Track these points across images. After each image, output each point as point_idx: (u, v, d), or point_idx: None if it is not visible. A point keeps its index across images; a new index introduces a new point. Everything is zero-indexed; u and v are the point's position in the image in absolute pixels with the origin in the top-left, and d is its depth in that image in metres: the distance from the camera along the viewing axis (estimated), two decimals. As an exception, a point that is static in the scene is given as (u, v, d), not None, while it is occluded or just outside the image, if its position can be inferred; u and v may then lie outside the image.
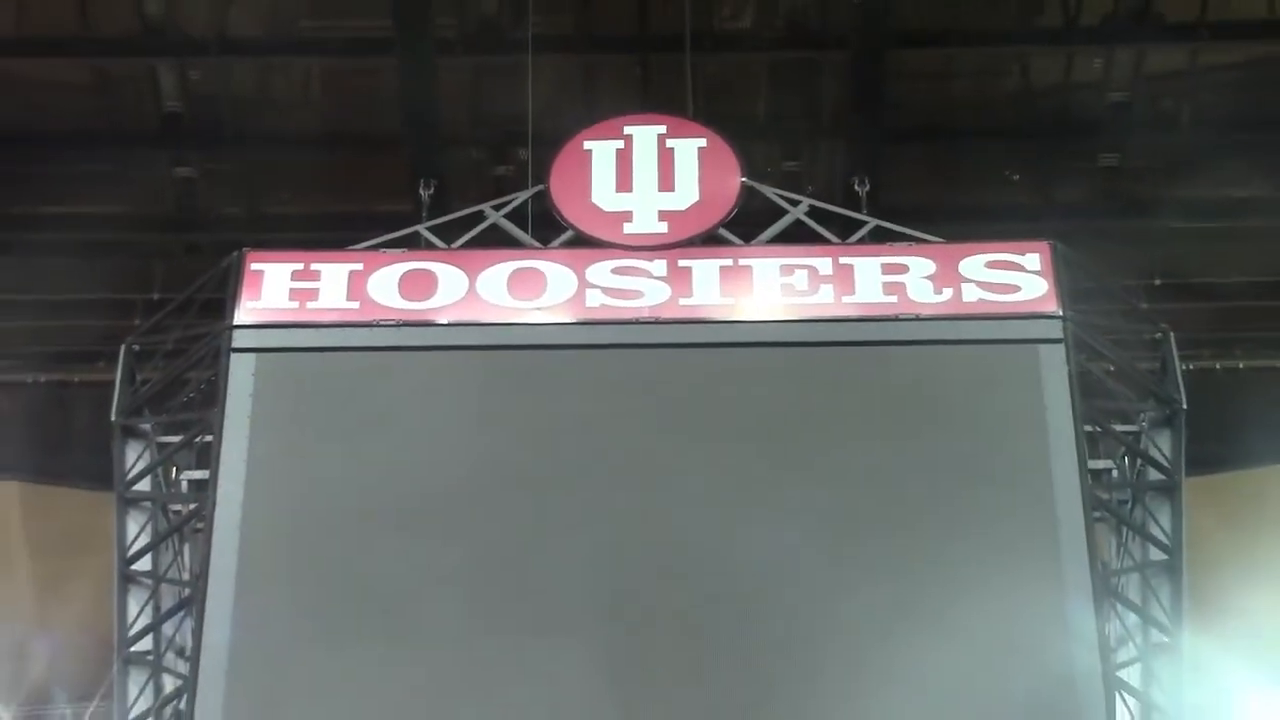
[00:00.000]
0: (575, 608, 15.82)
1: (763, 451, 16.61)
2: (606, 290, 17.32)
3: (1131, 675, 16.75)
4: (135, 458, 17.34)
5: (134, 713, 16.89)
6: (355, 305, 17.22)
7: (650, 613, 15.84)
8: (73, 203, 23.19)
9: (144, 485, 17.38)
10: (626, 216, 17.83)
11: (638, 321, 17.19)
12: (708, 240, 17.79)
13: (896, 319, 17.13)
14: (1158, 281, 21.92)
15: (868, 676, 15.56)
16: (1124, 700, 16.51)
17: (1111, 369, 17.64)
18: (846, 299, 17.23)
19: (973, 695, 15.47)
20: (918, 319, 17.13)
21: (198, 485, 17.16)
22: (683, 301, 17.27)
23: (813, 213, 18.17)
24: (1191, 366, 17.40)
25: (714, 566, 15.96)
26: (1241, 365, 21.71)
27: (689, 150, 18.19)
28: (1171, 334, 17.41)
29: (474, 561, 16.07)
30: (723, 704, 15.52)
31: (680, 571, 16.01)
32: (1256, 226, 22.91)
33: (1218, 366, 20.06)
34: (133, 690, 16.95)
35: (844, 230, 18.15)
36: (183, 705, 16.12)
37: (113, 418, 17.13)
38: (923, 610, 15.77)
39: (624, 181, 18.00)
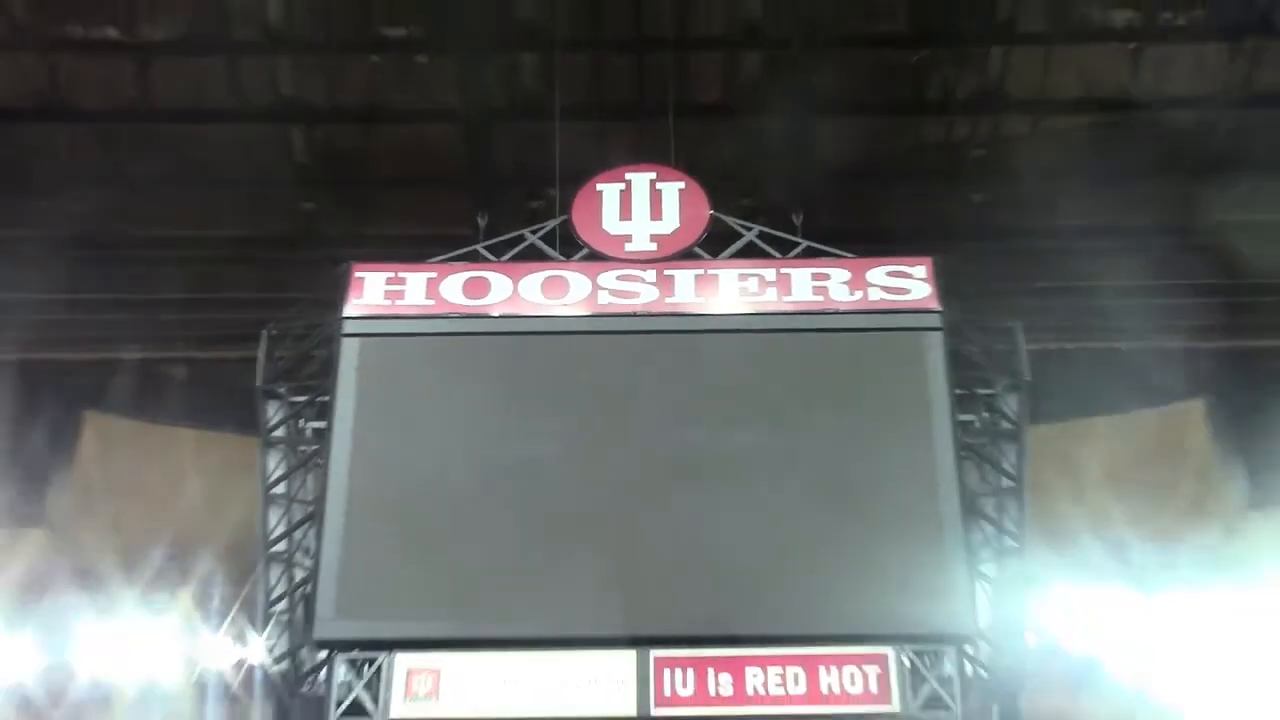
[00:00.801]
0: (592, 498, 16.52)
1: (722, 403, 17.17)
2: (612, 292, 17.81)
3: (987, 570, 17.22)
4: (273, 412, 17.87)
5: (274, 594, 17.48)
6: (431, 302, 17.68)
7: (643, 488, 16.61)
8: (228, 228, 23.52)
9: (280, 432, 17.92)
10: (627, 238, 18.30)
11: (635, 315, 17.72)
12: (686, 256, 18.17)
13: (822, 313, 17.61)
14: (1011, 286, 21.90)
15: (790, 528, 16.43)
16: (982, 588, 17.06)
17: (976, 349, 18.04)
18: (785, 299, 17.63)
19: (871, 553, 16.26)
20: (837, 313, 17.64)
21: (318, 432, 17.74)
22: (668, 300, 17.77)
23: (762, 236, 18.47)
24: (1034, 347, 17.70)
25: (681, 463, 16.70)
26: (1070, 347, 22.02)
27: (672, 190, 18.68)
28: (1020, 325, 17.99)
29: (522, 478, 16.63)
30: (685, 523, 16.28)
31: (659, 467, 16.73)
32: (1088, 246, 22.98)
33: (1052, 347, 20.38)
34: (273, 579, 17.54)
35: (784, 249, 18.39)
36: (307, 590, 16.67)
37: (257, 383, 17.69)
38: (830, 504, 16.42)
39: (625, 213, 18.45)
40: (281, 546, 17.59)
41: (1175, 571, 23.27)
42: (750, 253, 18.52)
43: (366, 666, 15.76)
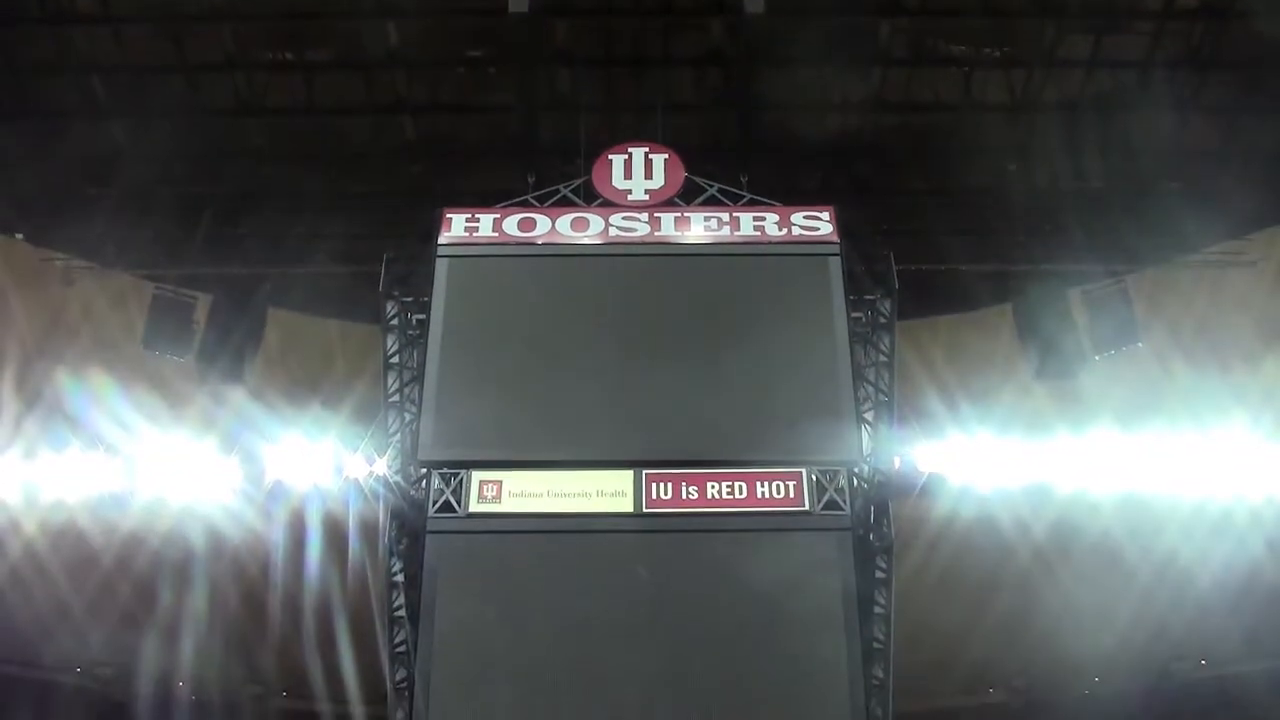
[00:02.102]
0: (604, 367, 16.38)
1: (690, 302, 16.99)
2: (619, 228, 17.51)
3: (868, 416, 17.10)
4: (391, 309, 17.55)
5: (392, 430, 17.24)
6: (496, 235, 17.41)
7: (639, 361, 16.46)
8: (364, 186, 23.16)
9: (395, 322, 17.62)
10: (629, 192, 17.99)
11: (634, 243, 17.44)
12: (668, 204, 17.87)
13: (760, 243, 17.36)
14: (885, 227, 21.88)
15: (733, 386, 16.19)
16: (865, 429, 16.94)
17: (863, 269, 17.94)
18: (735, 234, 17.42)
19: (789, 405, 16.02)
20: (770, 243, 17.36)
21: (420, 322, 17.42)
22: (656, 234, 17.46)
23: (720, 191, 18.17)
24: (900, 269, 17.49)
25: (664, 343, 16.55)
26: (925, 268, 21.69)
27: (659, 160, 18.33)
28: (892, 254, 17.77)
29: (556, 352, 16.47)
30: (667, 384, 16.14)
31: (650, 346, 16.55)
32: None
33: (912, 268, 20.04)
34: (391, 420, 17.30)
35: (735, 200, 18.03)
36: (415, 427, 16.48)
37: (380, 289, 17.36)
38: (759, 370, 16.29)
39: (627, 174, 18.12)
40: (396, 398, 17.30)
41: (987, 420, 23.28)
42: (712, 203, 18.15)
43: (453, 479, 15.57)
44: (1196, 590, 26.06)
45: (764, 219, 17.64)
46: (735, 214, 17.74)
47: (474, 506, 15.42)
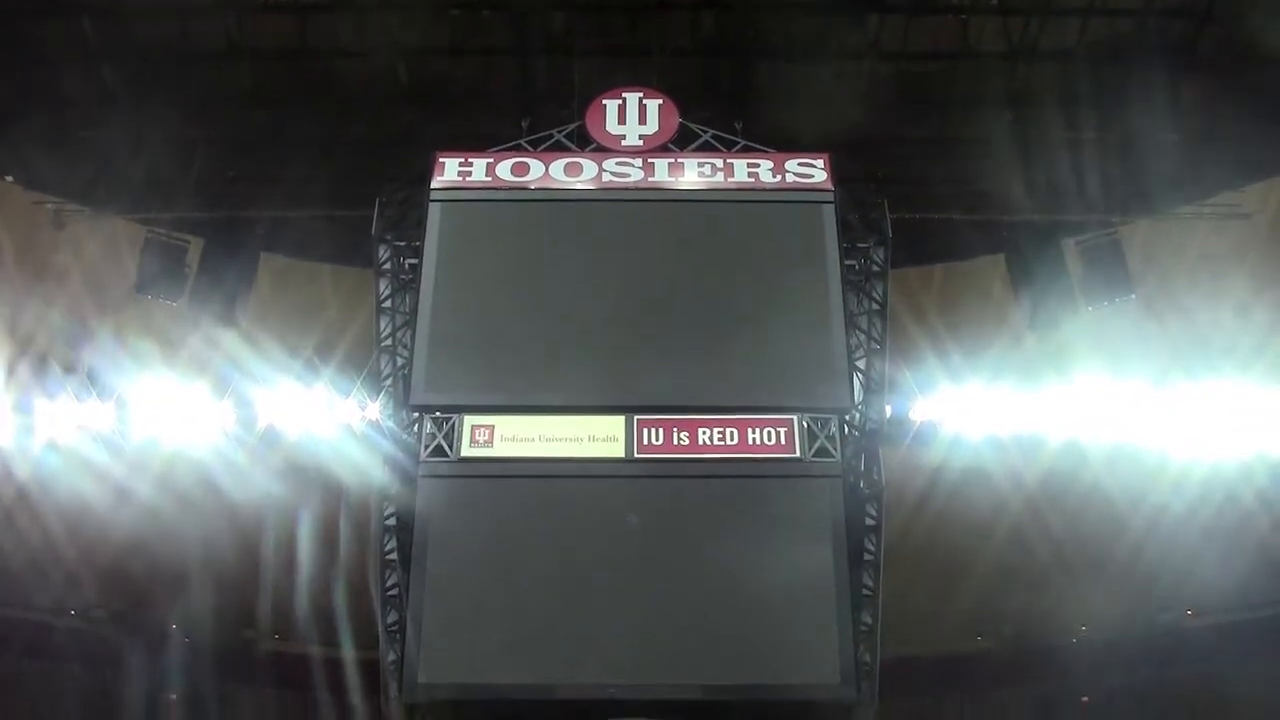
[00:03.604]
0: (595, 315, 16.41)
1: (685, 248, 17.04)
2: (612, 173, 17.50)
3: (860, 364, 17.11)
4: (384, 253, 17.54)
5: (384, 375, 17.26)
6: (489, 179, 17.39)
7: (631, 308, 16.57)
8: (357, 129, 23.05)
9: (387, 266, 17.61)
10: (622, 137, 17.99)
11: (627, 188, 17.41)
12: (662, 149, 17.85)
13: (754, 189, 17.35)
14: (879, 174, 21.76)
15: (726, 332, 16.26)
16: (857, 377, 16.97)
17: (857, 217, 17.95)
18: (729, 179, 17.43)
19: (783, 353, 16.05)
20: (765, 189, 17.35)
21: (413, 266, 17.38)
22: (649, 179, 17.48)
23: (714, 137, 18.14)
24: (894, 217, 17.47)
25: (658, 295, 16.58)
26: (919, 217, 21.63)
27: (654, 105, 18.29)
28: (886, 202, 17.73)
29: (547, 301, 16.49)
30: (659, 332, 16.30)
31: (643, 294, 16.61)
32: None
33: (906, 216, 20.01)
34: (383, 365, 17.31)
35: (729, 146, 18.04)
36: (406, 371, 16.51)
37: (373, 233, 17.33)
38: (754, 317, 16.31)
39: (621, 120, 18.12)
40: (389, 343, 17.30)
41: (979, 370, 23.35)
42: (706, 149, 18.13)
43: (445, 423, 15.63)
44: (1187, 541, 26.19)
45: (758, 165, 17.63)
46: (729, 160, 17.74)
47: (466, 451, 15.50)
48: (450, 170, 17.52)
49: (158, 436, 23.44)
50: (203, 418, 23.15)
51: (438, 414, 15.77)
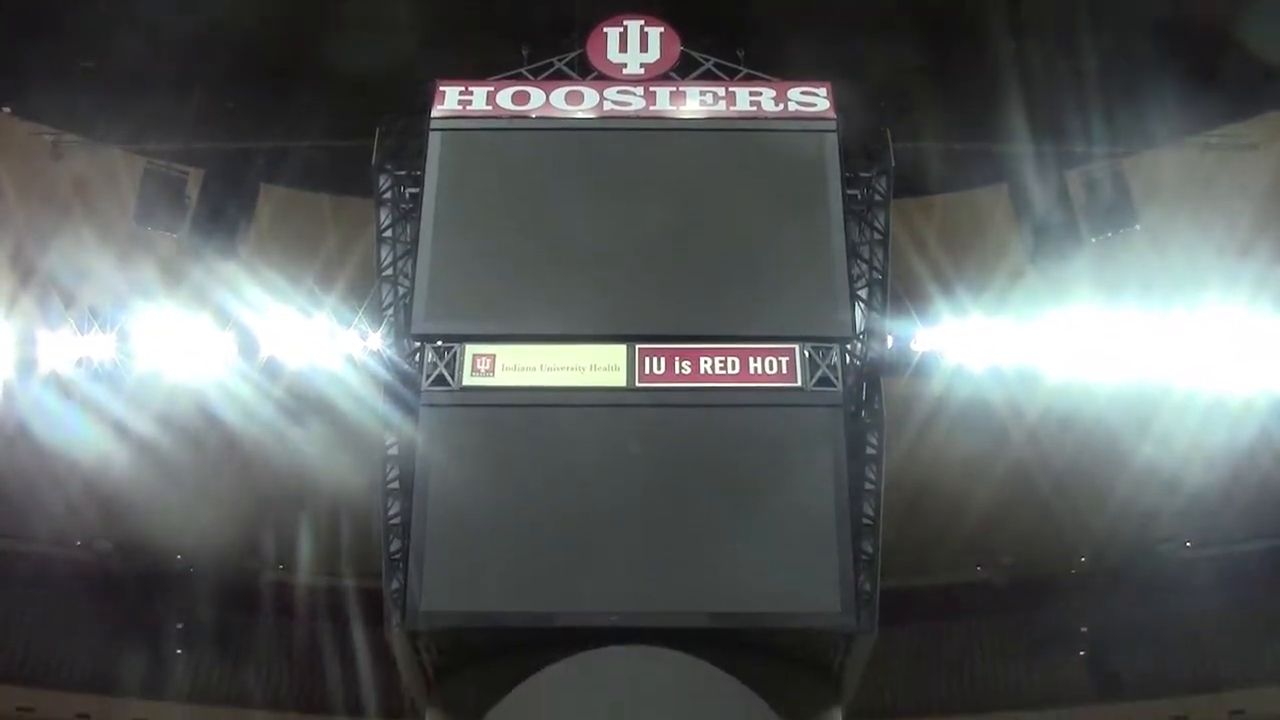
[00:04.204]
0: (596, 241, 16.26)
1: (687, 177, 16.88)
2: (614, 102, 17.36)
3: (862, 293, 17.12)
4: (384, 182, 17.47)
5: (385, 304, 17.26)
6: (489, 108, 17.28)
7: (633, 236, 16.42)
8: (359, 56, 22.50)
9: (388, 195, 17.54)
10: (624, 65, 17.83)
11: (629, 117, 17.31)
12: (664, 78, 17.74)
13: (756, 118, 17.26)
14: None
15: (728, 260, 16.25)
16: (859, 306, 16.96)
17: (859, 146, 17.90)
18: (731, 108, 17.31)
19: (783, 279, 16.03)
20: (767, 118, 17.26)
21: (414, 195, 17.29)
22: (651, 108, 17.34)
23: (716, 66, 18.00)
24: (897, 147, 17.37)
25: (662, 221, 16.41)
26: (921, 146, 21.57)
27: (655, 33, 18.14)
28: (888, 131, 17.63)
29: (549, 229, 16.41)
30: (661, 257, 16.29)
31: (644, 221, 16.43)
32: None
33: (908, 146, 19.93)
34: (384, 294, 17.30)
35: (731, 74, 17.88)
36: (408, 301, 16.51)
37: (373, 162, 17.26)
38: (754, 244, 16.31)
39: (623, 48, 17.96)
40: (390, 272, 17.26)
41: (981, 301, 23.38)
42: (708, 77, 17.95)
43: (446, 352, 15.60)
44: (1189, 475, 26.31)
45: (760, 94, 17.51)
46: (731, 89, 17.59)
47: (467, 380, 15.46)
48: (451, 99, 17.38)
49: (159, 368, 23.48)
50: (204, 349, 23.17)
51: (439, 343, 15.70)
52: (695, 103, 17.47)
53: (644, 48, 17.99)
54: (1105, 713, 32.79)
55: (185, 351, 23.34)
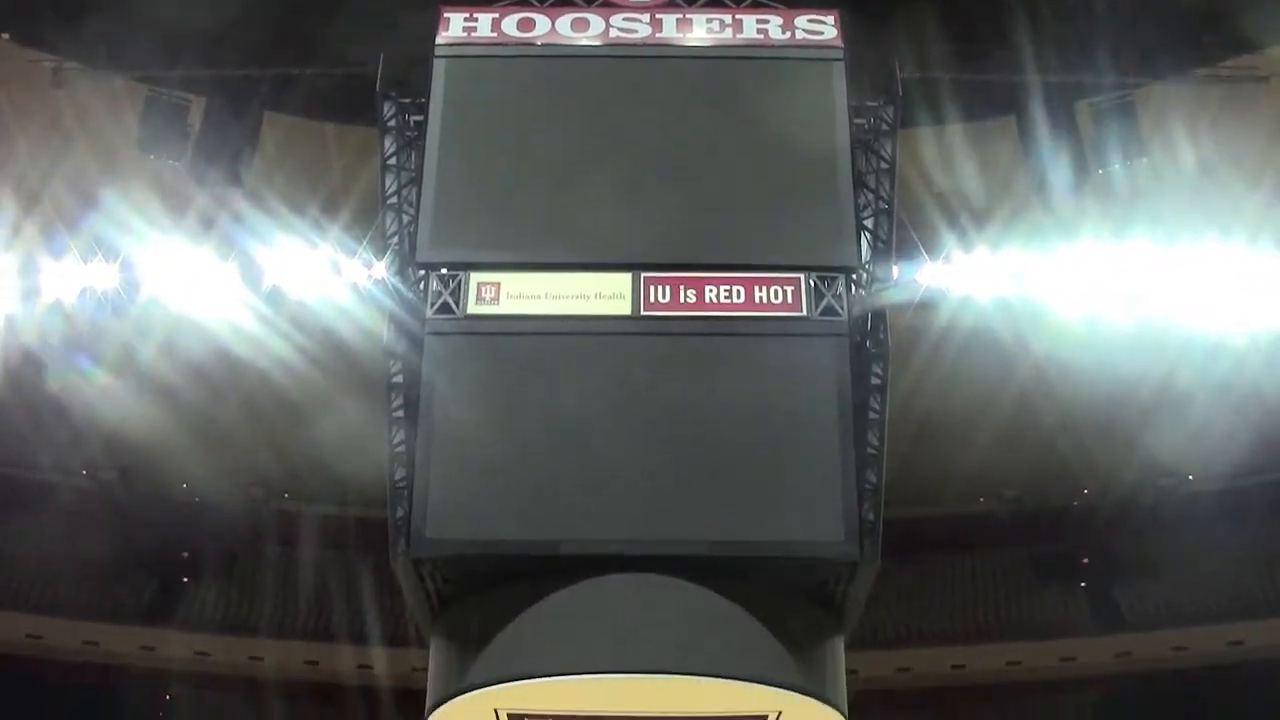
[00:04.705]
0: (603, 167, 16.04)
1: (694, 105, 16.70)
2: (620, 29, 17.09)
3: (868, 223, 17.03)
4: (388, 110, 17.32)
5: (390, 232, 17.20)
6: (494, 35, 17.08)
7: (637, 164, 16.16)
8: None
9: (392, 123, 17.39)
10: (630, -6, 17.76)
11: (635, 44, 17.05)
12: (669, 5, 17.47)
13: (762, 45, 17.11)
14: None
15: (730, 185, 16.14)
16: (865, 236, 16.91)
17: (866, 74, 17.75)
18: (738, 36, 17.11)
19: (789, 209, 15.95)
20: (774, 45, 17.12)
21: (418, 123, 16.95)
22: (657, 35, 17.05)
23: None
24: (904, 76, 17.24)
25: (665, 149, 16.26)
26: (929, 76, 21.47)
27: (661, -39, 17.98)
28: (896, 60, 17.48)
29: (559, 152, 16.28)
30: (666, 184, 16.08)
31: (648, 149, 16.26)
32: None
33: (917, 76, 19.84)
34: (389, 222, 17.23)
35: (737, 2, 17.68)
36: (412, 229, 16.46)
37: (377, 89, 17.14)
38: (759, 170, 16.15)
39: (629, -23, 17.89)
40: (394, 200, 17.16)
41: (987, 233, 23.33)
42: (715, 4, 17.58)
43: (451, 280, 15.52)
44: (1194, 409, 26.35)
45: (767, 21, 17.28)
46: (738, 16, 17.33)
47: (472, 308, 15.36)
48: (455, 25, 17.11)
49: (163, 298, 23.49)
50: (208, 278, 23.16)
51: (444, 271, 15.60)
52: (701, 30, 17.22)
53: None
54: (1106, 644, 33.12)
55: (189, 281, 23.31)
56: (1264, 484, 31.24)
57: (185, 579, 35.45)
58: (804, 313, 15.30)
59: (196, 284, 23.37)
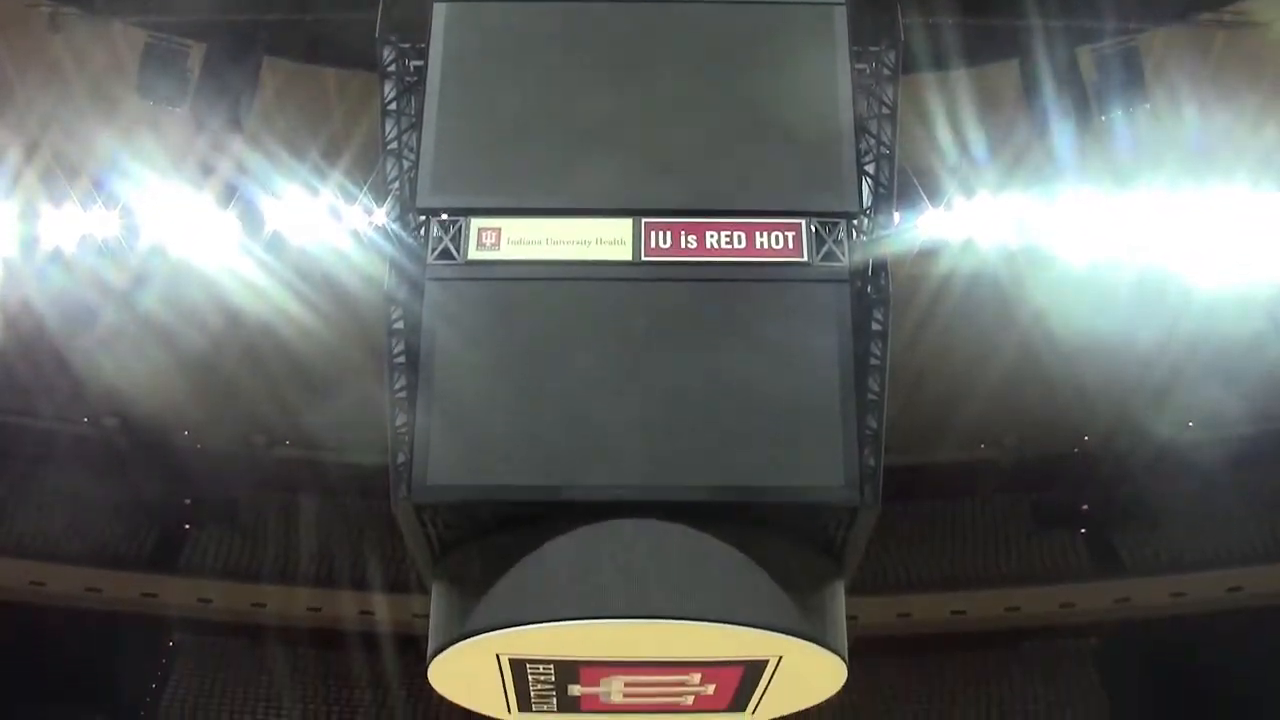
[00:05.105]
0: (602, 107, 15.73)
1: (690, 49, 16.32)
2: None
3: (868, 167, 16.97)
4: (388, 54, 17.19)
5: (391, 178, 17.13)
6: (493, -20, 17.05)
7: (635, 105, 15.96)
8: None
9: (392, 68, 17.29)
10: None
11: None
12: None
13: (766, -11, 17.03)
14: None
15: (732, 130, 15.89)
16: (866, 181, 16.83)
17: (869, 19, 17.60)
18: (736, -20, 17.07)
19: (790, 152, 15.74)
20: (776, -11, 17.03)
21: (418, 68, 16.75)
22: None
23: None
24: (908, 21, 17.15)
25: (664, 92, 16.02)
26: (932, 20, 21.36)
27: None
28: (898, 4, 17.27)
29: (560, 95, 16.07)
30: (663, 123, 15.82)
31: (647, 91, 16.00)
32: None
33: (919, 20, 19.74)
34: (389, 168, 17.15)
35: None
36: (413, 174, 16.39)
37: (377, 34, 17.03)
38: (758, 114, 15.93)
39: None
40: (395, 146, 17.05)
41: (989, 179, 23.29)
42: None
43: (451, 226, 15.46)
44: (1196, 358, 26.39)
45: (769, -37, 17.19)
46: (733, -41, 17.25)
47: (473, 254, 15.28)
48: (456, -28, 17.04)
49: (163, 244, 23.46)
50: (208, 225, 23.13)
51: (444, 217, 15.54)
52: None
53: None
54: (1105, 589, 33.34)
55: (189, 227, 23.27)
56: (1265, 432, 31.32)
57: (187, 526, 35.65)
58: (805, 258, 15.23)
59: (197, 231, 23.31)
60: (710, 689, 15.78)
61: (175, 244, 23.64)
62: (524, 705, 16.17)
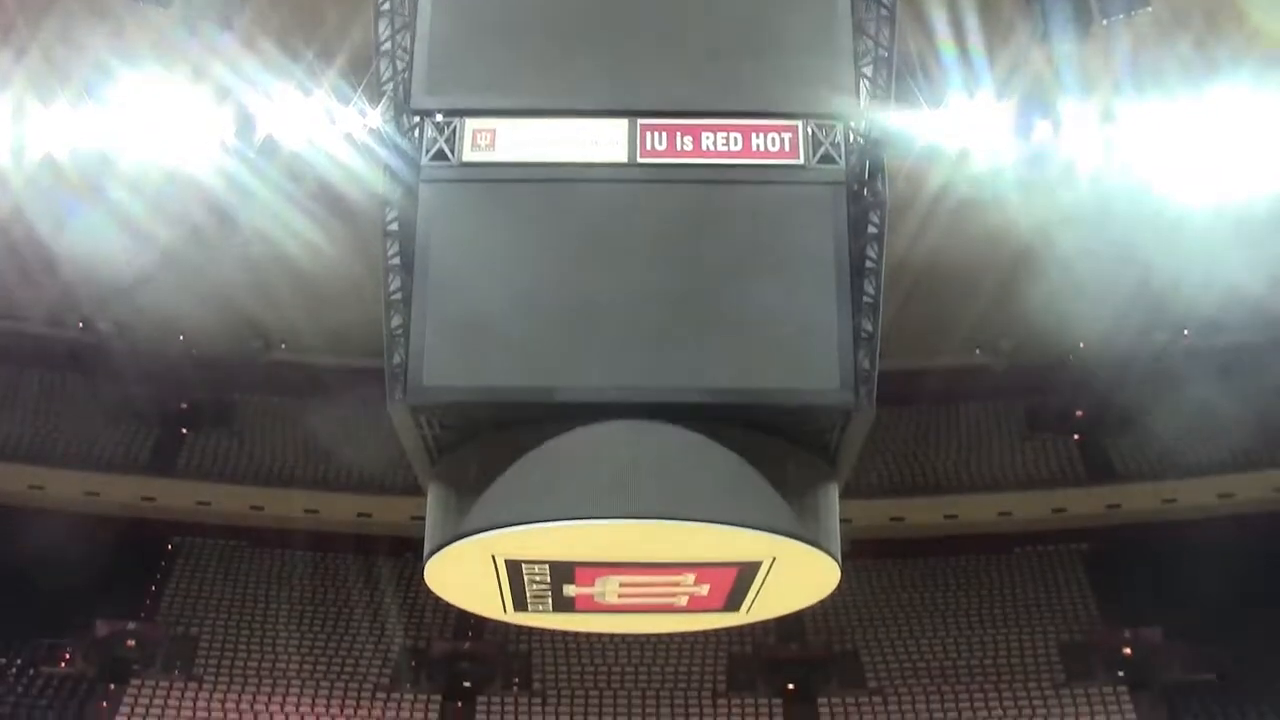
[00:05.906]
0: (600, 7, 15.81)
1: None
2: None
3: (866, 69, 16.68)
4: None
5: (385, 79, 16.89)
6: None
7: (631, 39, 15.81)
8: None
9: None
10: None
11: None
12: None
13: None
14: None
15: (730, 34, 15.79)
16: (863, 83, 16.59)
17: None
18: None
19: (786, 52, 15.64)
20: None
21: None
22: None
23: None
24: None
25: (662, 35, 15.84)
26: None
27: None
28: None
29: (556, 37, 15.87)
30: (654, 51, 15.77)
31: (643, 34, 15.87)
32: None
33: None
34: (384, 69, 16.92)
35: None
36: (408, 76, 16.18)
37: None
38: (746, 31, 15.83)
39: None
40: (388, 46, 16.82)
41: (988, 84, 23.05)
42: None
43: (446, 127, 15.38)
44: (1194, 264, 26.32)
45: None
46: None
47: (467, 155, 15.23)
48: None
49: (155, 147, 23.24)
50: (200, 128, 22.88)
51: (439, 118, 15.47)
52: None
53: None
54: (1097, 495, 33.59)
55: (181, 130, 23.02)
56: (1257, 342, 31.37)
57: (185, 430, 35.78)
58: (801, 161, 15.18)
59: (189, 133, 23.05)
60: (704, 590, 15.94)
61: (167, 147, 23.37)
62: (519, 605, 16.34)
